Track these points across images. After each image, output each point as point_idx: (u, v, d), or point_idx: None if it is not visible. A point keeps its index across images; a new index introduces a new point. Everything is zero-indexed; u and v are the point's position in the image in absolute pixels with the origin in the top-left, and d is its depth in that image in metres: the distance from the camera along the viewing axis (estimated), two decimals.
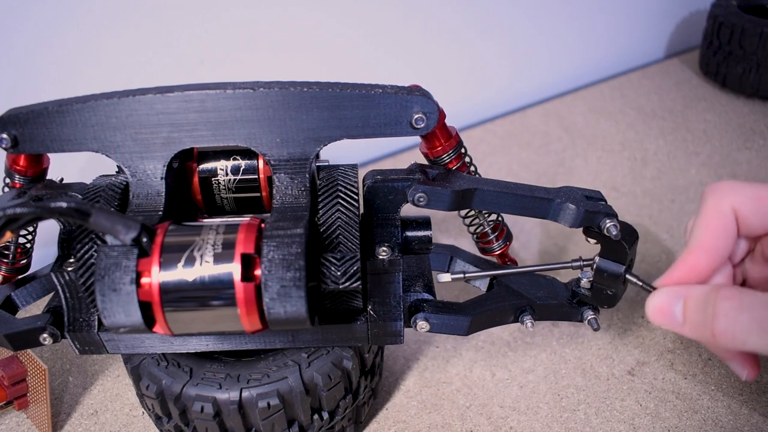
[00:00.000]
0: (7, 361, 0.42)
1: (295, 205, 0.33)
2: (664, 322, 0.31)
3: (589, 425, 0.43)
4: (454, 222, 0.63)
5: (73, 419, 0.45)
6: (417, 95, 0.33)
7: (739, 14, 0.79)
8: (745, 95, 0.82)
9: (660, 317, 0.31)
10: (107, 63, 0.57)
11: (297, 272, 0.28)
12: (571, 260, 0.38)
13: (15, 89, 0.54)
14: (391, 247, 0.35)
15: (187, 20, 0.59)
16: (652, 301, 0.32)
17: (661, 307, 0.31)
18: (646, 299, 0.32)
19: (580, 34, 0.88)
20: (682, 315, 0.30)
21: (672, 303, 0.31)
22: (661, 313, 0.31)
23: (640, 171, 0.70)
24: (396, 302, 0.36)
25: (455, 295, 0.54)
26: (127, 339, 0.36)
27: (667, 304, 0.31)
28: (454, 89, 0.81)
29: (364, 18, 0.69)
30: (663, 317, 0.31)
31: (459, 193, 0.36)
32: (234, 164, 0.38)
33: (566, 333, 0.50)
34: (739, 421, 0.42)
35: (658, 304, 0.31)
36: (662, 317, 0.31)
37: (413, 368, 0.48)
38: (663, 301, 0.31)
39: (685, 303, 0.30)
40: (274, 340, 0.37)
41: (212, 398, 0.35)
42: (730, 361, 0.36)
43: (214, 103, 0.33)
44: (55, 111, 0.33)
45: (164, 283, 0.28)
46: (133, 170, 0.35)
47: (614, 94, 0.86)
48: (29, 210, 0.27)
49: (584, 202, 0.37)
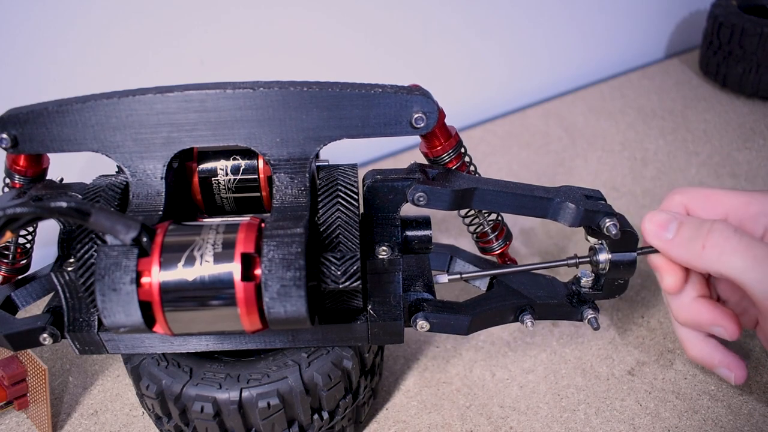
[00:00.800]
0: (7, 361, 0.42)
1: (295, 205, 0.33)
2: (657, 234, 0.36)
3: (589, 425, 0.43)
4: (454, 222, 0.63)
5: (73, 419, 0.45)
6: (417, 95, 0.33)
7: (739, 14, 0.79)
8: (745, 95, 0.82)
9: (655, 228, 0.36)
10: (107, 63, 0.57)
11: (297, 272, 0.28)
12: (566, 258, 0.38)
13: (15, 89, 0.54)
14: (391, 247, 0.35)
15: (187, 20, 0.59)
16: (647, 221, 0.36)
17: (658, 221, 0.36)
18: (645, 296, 0.32)
19: (580, 34, 0.88)
20: (675, 231, 0.35)
21: (669, 221, 0.36)
22: (658, 225, 0.36)
23: (640, 171, 0.70)
24: (396, 302, 0.36)
25: (455, 294, 0.54)
26: (127, 339, 0.36)
27: (665, 220, 0.36)
28: (454, 89, 0.81)
29: (364, 18, 0.69)
30: (658, 229, 0.36)
31: (459, 192, 0.36)
32: (234, 164, 0.38)
33: (566, 333, 0.50)
34: (739, 421, 0.42)
35: (656, 218, 0.36)
36: (657, 228, 0.36)
37: (413, 368, 0.48)
38: (661, 218, 0.36)
39: (680, 223, 0.35)
40: (274, 340, 0.37)
41: (212, 398, 0.35)
42: (717, 368, 0.38)
43: (214, 102, 0.33)
44: (55, 111, 0.33)
45: (164, 282, 0.28)
46: (133, 170, 0.35)
47: (614, 94, 0.86)
48: (29, 210, 0.27)
49: (584, 202, 0.37)
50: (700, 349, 0.39)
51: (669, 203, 0.38)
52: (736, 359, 0.38)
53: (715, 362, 0.39)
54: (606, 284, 0.39)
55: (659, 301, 0.52)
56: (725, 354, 0.38)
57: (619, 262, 0.37)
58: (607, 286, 0.39)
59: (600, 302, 0.50)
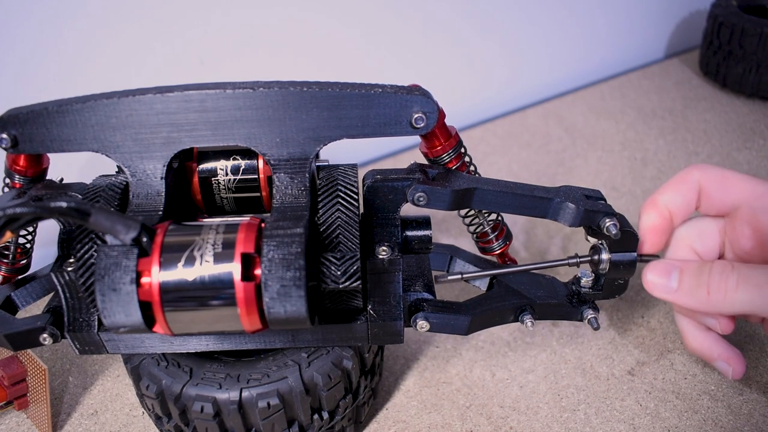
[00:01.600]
0: (7, 361, 0.42)
1: (295, 205, 0.33)
2: (660, 288, 0.36)
3: (589, 425, 0.43)
4: (454, 222, 0.63)
5: (73, 419, 0.45)
6: (417, 95, 0.33)
7: (739, 14, 0.79)
8: (745, 95, 0.82)
9: (657, 282, 0.36)
10: (107, 63, 0.57)
11: (297, 272, 0.28)
12: (567, 257, 0.38)
13: (15, 89, 0.54)
14: (391, 247, 0.35)
15: (187, 20, 0.59)
16: (649, 272, 0.36)
17: (660, 271, 0.36)
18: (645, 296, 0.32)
19: (580, 34, 0.88)
20: (678, 281, 0.35)
21: (669, 271, 0.35)
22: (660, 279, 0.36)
23: (640, 171, 0.70)
24: (396, 302, 0.36)
25: (455, 294, 0.54)
26: (127, 339, 0.36)
27: (665, 272, 0.35)
28: (454, 89, 0.81)
29: (364, 18, 0.69)
30: (660, 282, 0.35)
31: (459, 192, 0.36)
32: (234, 164, 0.38)
33: (566, 333, 0.50)
34: (739, 421, 0.42)
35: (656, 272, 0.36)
36: (659, 282, 0.35)
37: (413, 368, 0.48)
38: (661, 270, 0.36)
39: (681, 271, 0.35)
40: (274, 340, 0.37)
41: (212, 398, 0.35)
42: (715, 361, 0.38)
43: (214, 103, 0.33)
44: (55, 111, 0.33)
45: (164, 282, 0.28)
46: (133, 170, 0.35)
47: (614, 94, 0.86)
48: (29, 210, 0.27)
49: (584, 202, 0.37)
50: (700, 341, 0.39)
51: (685, 177, 0.37)
52: (736, 354, 0.38)
53: (714, 356, 0.39)
54: (606, 284, 0.39)
55: (659, 301, 0.52)
56: (725, 348, 0.38)
57: (619, 263, 0.37)
58: (607, 286, 0.39)
59: (600, 302, 0.50)
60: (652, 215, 0.38)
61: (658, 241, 0.38)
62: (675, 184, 0.38)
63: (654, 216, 0.38)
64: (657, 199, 0.37)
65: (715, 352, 0.39)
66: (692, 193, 0.37)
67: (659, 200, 0.37)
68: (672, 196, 0.38)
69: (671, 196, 0.38)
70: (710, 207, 0.38)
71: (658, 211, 0.38)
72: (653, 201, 0.38)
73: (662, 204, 0.38)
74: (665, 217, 0.38)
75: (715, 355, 0.39)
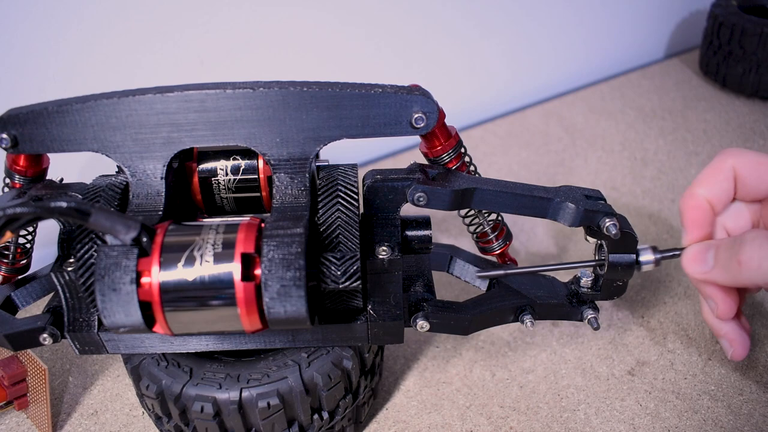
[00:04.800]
0: (7, 361, 0.42)
1: (295, 205, 0.33)
2: (697, 268, 0.36)
3: (589, 425, 0.43)
4: (454, 222, 0.63)
5: (73, 419, 0.45)
6: (416, 95, 0.33)
7: (739, 14, 0.79)
8: (745, 95, 0.82)
9: (694, 265, 0.36)
10: (107, 63, 0.57)
11: (297, 272, 0.28)
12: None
13: (15, 89, 0.54)
14: (391, 247, 0.35)
15: (187, 20, 0.59)
16: (688, 253, 0.36)
17: (695, 257, 0.36)
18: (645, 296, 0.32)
19: (580, 34, 0.88)
20: (714, 259, 0.35)
21: (705, 251, 0.35)
22: (696, 261, 0.36)
23: (640, 171, 0.70)
24: (396, 302, 0.36)
25: (455, 294, 0.54)
26: (127, 339, 0.36)
27: (701, 252, 0.36)
28: (454, 89, 0.81)
29: (364, 17, 0.69)
30: (696, 264, 0.36)
31: (459, 192, 0.36)
32: (234, 164, 0.38)
33: (566, 333, 0.50)
34: (739, 421, 0.42)
35: (692, 254, 0.36)
36: (696, 264, 0.36)
37: (413, 368, 0.48)
38: (697, 251, 0.36)
39: (716, 249, 0.35)
40: (274, 340, 0.37)
41: (212, 398, 0.35)
42: (721, 337, 0.38)
43: (214, 103, 0.33)
44: (55, 111, 0.33)
45: (164, 282, 0.28)
46: (133, 170, 0.35)
47: (614, 94, 0.86)
48: (29, 210, 0.27)
49: (584, 201, 0.37)
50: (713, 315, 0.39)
51: (720, 165, 0.37)
52: (741, 336, 0.38)
53: (722, 333, 0.39)
54: (604, 285, 0.39)
55: (659, 301, 0.52)
56: (734, 328, 0.38)
57: (618, 264, 0.37)
58: (605, 287, 0.39)
59: (600, 302, 0.50)
60: (692, 209, 0.37)
61: (703, 234, 0.37)
62: (711, 173, 0.37)
63: (695, 209, 0.37)
64: (695, 192, 0.37)
65: (723, 329, 0.38)
66: (728, 181, 0.37)
67: (697, 193, 0.37)
68: (709, 188, 0.37)
69: (709, 188, 0.37)
70: (746, 194, 0.37)
71: (698, 204, 0.37)
72: (692, 194, 0.37)
73: (701, 196, 0.37)
74: (706, 209, 0.37)
75: (722, 332, 0.39)
